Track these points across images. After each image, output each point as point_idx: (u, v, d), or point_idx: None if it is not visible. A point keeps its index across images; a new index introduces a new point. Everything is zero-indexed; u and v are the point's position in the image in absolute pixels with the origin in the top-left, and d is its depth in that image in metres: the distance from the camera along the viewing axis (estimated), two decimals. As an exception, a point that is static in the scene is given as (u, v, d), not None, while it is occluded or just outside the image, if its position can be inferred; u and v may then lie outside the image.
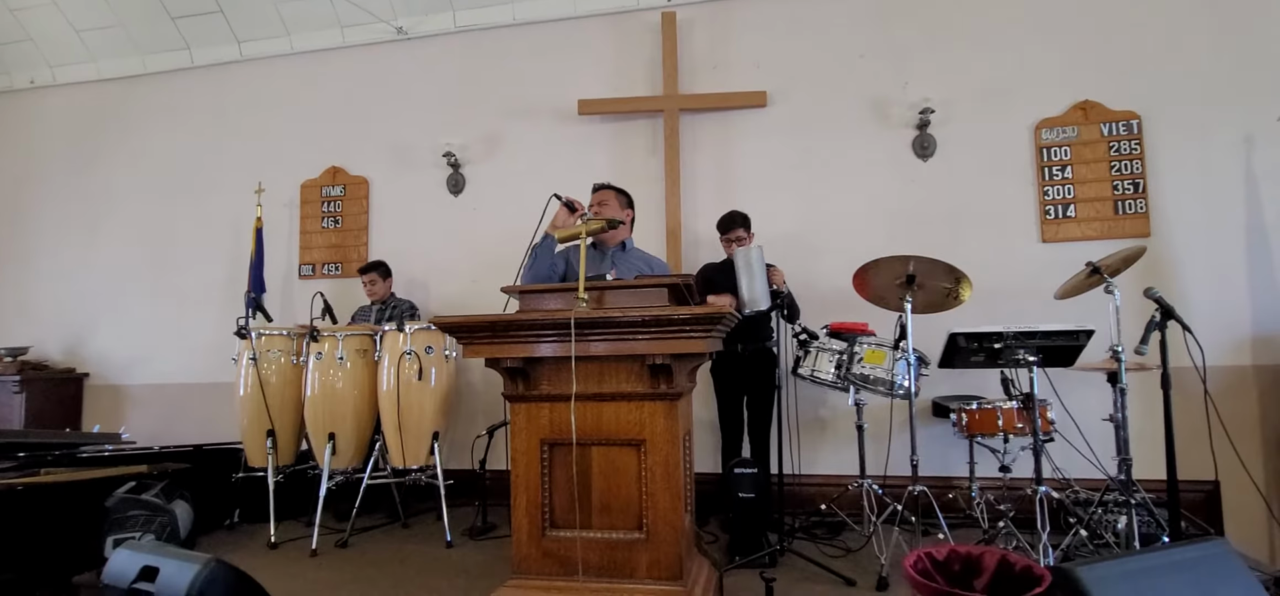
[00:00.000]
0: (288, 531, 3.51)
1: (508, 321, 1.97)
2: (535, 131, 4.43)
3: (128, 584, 2.21)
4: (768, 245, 3.75)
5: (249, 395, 3.57)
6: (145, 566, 2.22)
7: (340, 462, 3.52)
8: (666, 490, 1.97)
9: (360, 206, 4.62)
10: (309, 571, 3.00)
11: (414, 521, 3.75)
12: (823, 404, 3.92)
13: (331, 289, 4.54)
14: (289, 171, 4.71)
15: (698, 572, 2.11)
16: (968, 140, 3.97)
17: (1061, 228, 3.83)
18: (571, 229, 2.12)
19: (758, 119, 4.22)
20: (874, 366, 3.05)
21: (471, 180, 4.52)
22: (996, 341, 2.83)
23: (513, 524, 2.05)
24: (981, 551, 1.57)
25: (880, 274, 2.99)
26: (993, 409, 3.01)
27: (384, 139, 4.63)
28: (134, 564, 2.24)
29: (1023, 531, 2.85)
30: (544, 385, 2.05)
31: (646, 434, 1.99)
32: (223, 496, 3.77)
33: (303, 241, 4.69)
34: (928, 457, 3.70)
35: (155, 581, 2.18)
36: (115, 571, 2.26)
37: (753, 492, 3.00)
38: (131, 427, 4.51)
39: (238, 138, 4.81)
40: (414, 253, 4.50)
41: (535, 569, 2.01)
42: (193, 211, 4.80)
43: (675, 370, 1.96)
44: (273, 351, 3.62)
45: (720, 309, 1.85)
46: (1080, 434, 3.00)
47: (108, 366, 4.86)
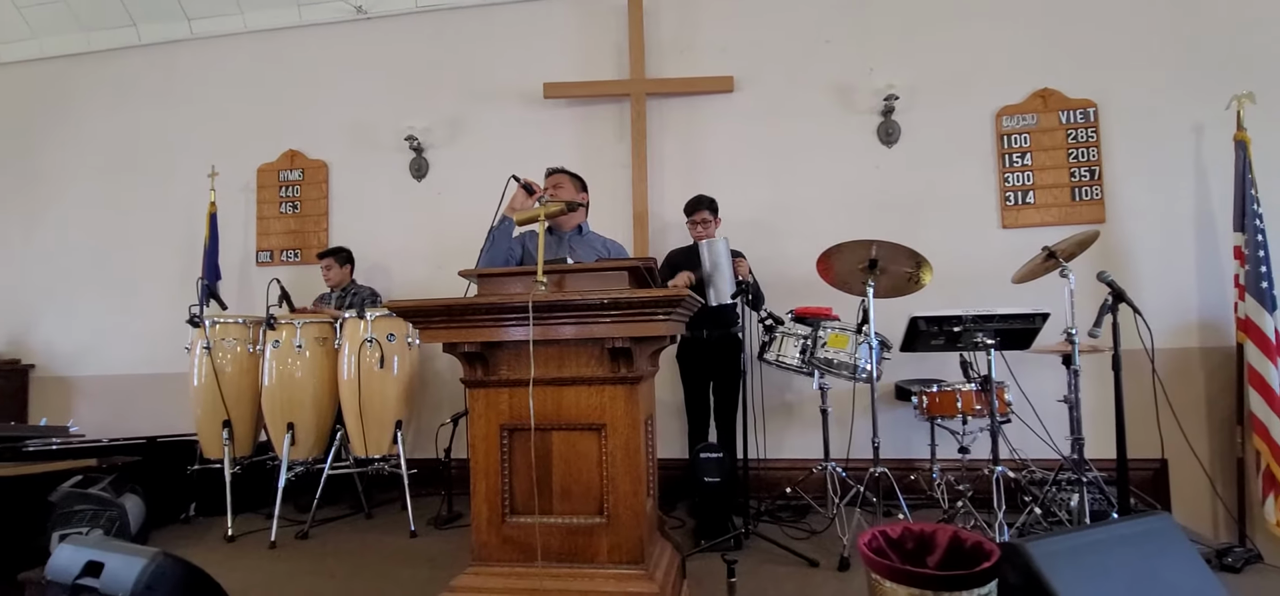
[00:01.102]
0: (247, 524, 3.42)
1: (464, 305, 1.93)
2: (500, 115, 4.36)
3: (72, 579, 2.14)
4: (734, 230, 3.78)
5: (203, 385, 3.47)
6: (90, 561, 2.14)
7: (300, 453, 3.44)
8: (627, 474, 1.96)
9: (319, 191, 4.50)
10: (267, 563, 2.93)
11: (378, 512, 3.69)
12: (789, 388, 3.95)
13: (291, 276, 4.43)
14: (245, 155, 4.56)
15: (660, 556, 2.11)
16: (931, 127, 4.02)
17: (1021, 213, 3.91)
18: (530, 212, 2.09)
19: (724, 104, 4.21)
20: (837, 350, 3.08)
21: (435, 164, 4.43)
22: (956, 325, 2.88)
23: (472, 510, 2.02)
24: (934, 529, 1.59)
25: (843, 258, 3.02)
26: (952, 391, 3.06)
27: (344, 122, 4.52)
28: (78, 559, 2.16)
29: (980, 510, 2.91)
30: (503, 370, 2.02)
31: (607, 418, 1.97)
32: (178, 489, 3.66)
33: (260, 227, 4.56)
34: (891, 440, 3.76)
35: (100, 577, 2.11)
36: (59, 567, 2.18)
37: (718, 477, 3.01)
38: (81, 420, 4.35)
39: (189, 120, 4.64)
40: (376, 238, 4.41)
41: (496, 556, 1.98)
42: (143, 196, 4.63)
43: (636, 354, 1.95)
44: (228, 340, 3.51)
45: (680, 292, 1.84)
46: (1036, 415, 3.08)
47: (54, 357, 4.68)
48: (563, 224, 2.71)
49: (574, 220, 2.74)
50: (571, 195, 2.69)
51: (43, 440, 3.69)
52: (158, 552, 2.14)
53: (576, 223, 2.76)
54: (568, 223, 2.72)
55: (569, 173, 2.74)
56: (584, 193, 2.78)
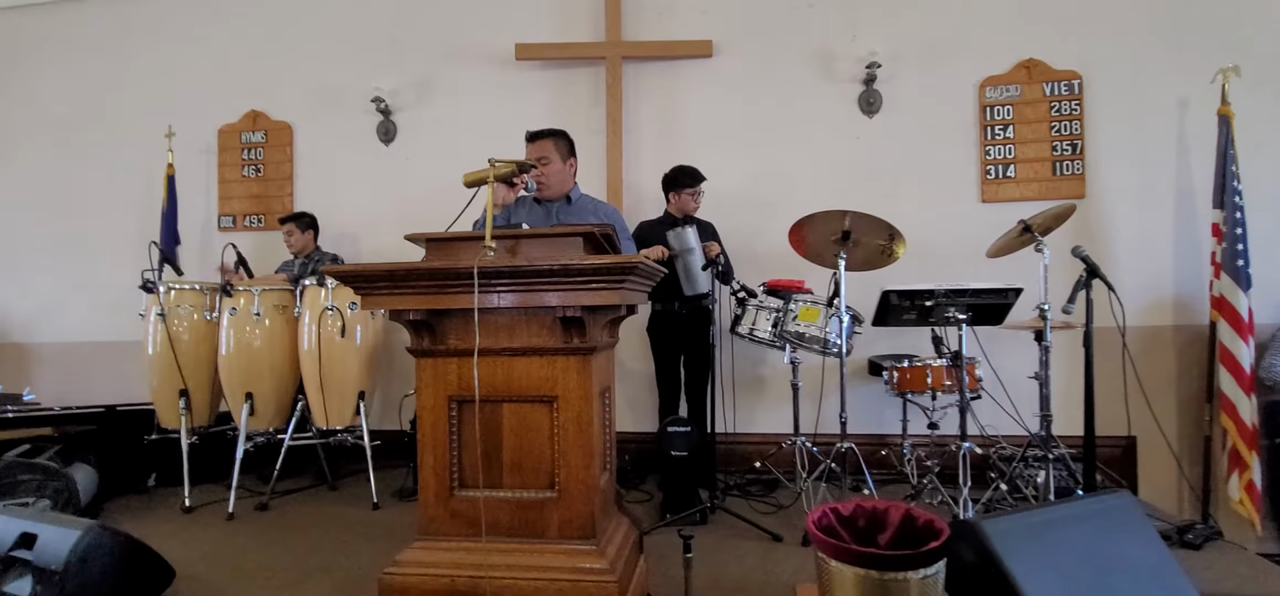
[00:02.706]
0: (207, 494, 3.35)
1: (408, 270, 1.84)
2: (471, 77, 4.22)
3: (4, 551, 2.06)
4: (711, 200, 3.68)
5: (159, 353, 3.36)
6: (23, 533, 2.07)
7: (259, 424, 3.36)
8: (579, 448, 1.89)
9: (283, 154, 4.36)
10: (223, 535, 2.86)
11: (343, 484, 3.63)
12: (763, 362, 3.90)
13: (254, 242, 4.31)
14: (205, 115, 4.40)
15: (614, 531, 2.06)
16: (913, 97, 3.93)
17: (1001, 188, 3.84)
18: (478, 172, 1.98)
19: (703, 69, 4.09)
20: (808, 324, 3.02)
21: (403, 128, 4.29)
22: (928, 299, 2.82)
23: (419, 484, 1.95)
24: (887, 506, 1.54)
25: (816, 229, 2.94)
26: (923, 367, 3.02)
27: (309, 82, 4.35)
28: (11, 530, 2.09)
29: (948, 486, 2.89)
30: (451, 339, 1.94)
31: (559, 390, 1.90)
32: (137, 459, 3.58)
33: (222, 191, 4.41)
34: (863, 415, 3.75)
35: (34, 548, 2.04)
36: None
37: (685, 451, 2.96)
38: (39, 388, 4.25)
39: (147, 77, 4.46)
40: (342, 204, 4.28)
41: (443, 529, 1.92)
42: (99, 157, 4.46)
43: (589, 323, 1.87)
44: (184, 307, 3.40)
45: (632, 259, 1.76)
46: (1005, 391, 3.04)
47: (8, 324, 4.54)
48: (549, 193, 2.57)
49: (563, 187, 2.61)
50: (559, 165, 2.56)
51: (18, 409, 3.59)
52: (93, 524, 2.07)
53: (565, 190, 2.63)
54: (555, 190, 2.59)
55: (552, 133, 2.56)
56: (572, 156, 2.64)
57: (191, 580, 2.32)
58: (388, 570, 1.87)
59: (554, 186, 2.58)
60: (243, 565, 2.50)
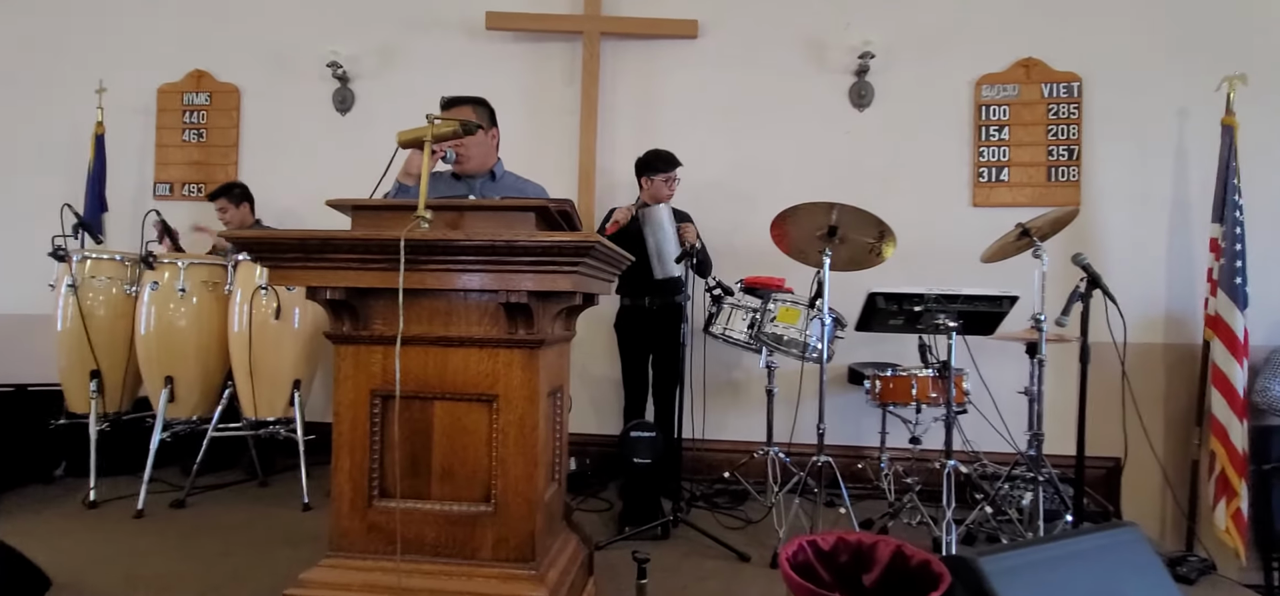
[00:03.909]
0: (120, 487, 3.01)
1: (323, 240, 1.56)
2: (437, 46, 3.92)
3: None
4: (689, 191, 3.45)
5: (69, 329, 3.02)
6: None
7: (181, 411, 3.03)
8: (520, 455, 1.63)
9: (229, 120, 4.01)
10: (126, 536, 2.55)
11: (276, 480, 3.32)
12: (736, 366, 3.67)
13: (192, 212, 3.96)
14: (144, 72, 4.04)
15: (559, 551, 1.80)
16: (906, 91, 3.72)
17: (993, 192, 3.66)
18: (415, 132, 1.71)
19: (687, 50, 3.85)
20: (787, 326, 2.79)
21: (361, 97, 3.98)
22: (917, 303, 2.61)
23: (333, 491, 1.68)
24: (874, 541, 1.31)
25: (800, 223, 2.71)
26: (907, 377, 2.81)
27: (259, 43, 4.02)
28: None
29: (928, 504, 2.69)
30: (377, 324, 1.66)
31: (500, 388, 1.64)
32: (46, 445, 3.23)
33: (159, 156, 4.06)
34: (841, 426, 3.54)
35: None
36: None
37: (649, 458, 2.73)
38: (-53, 361, 3.84)
39: (81, 27, 4.08)
40: (292, 177, 3.95)
41: (358, 545, 1.65)
42: (22, 111, 4.08)
43: (537, 312, 1.61)
44: (100, 279, 3.06)
45: (588, 239, 1.50)
46: (994, 406, 2.84)
47: (-83, 289, 4.13)
48: (469, 167, 2.28)
49: (486, 162, 2.33)
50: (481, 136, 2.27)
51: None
52: (-58, 525, 1.75)
53: (488, 165, 2.35)
54: (477, 165, 2.30)
55: (471, 100, 2.27)
56: (495, 126, 2.35)
57: (71, 590, 2.01)
58: (289, 591, 1.59)
59: (476, 160, 2.27)
60: (139, 572, 2.19)
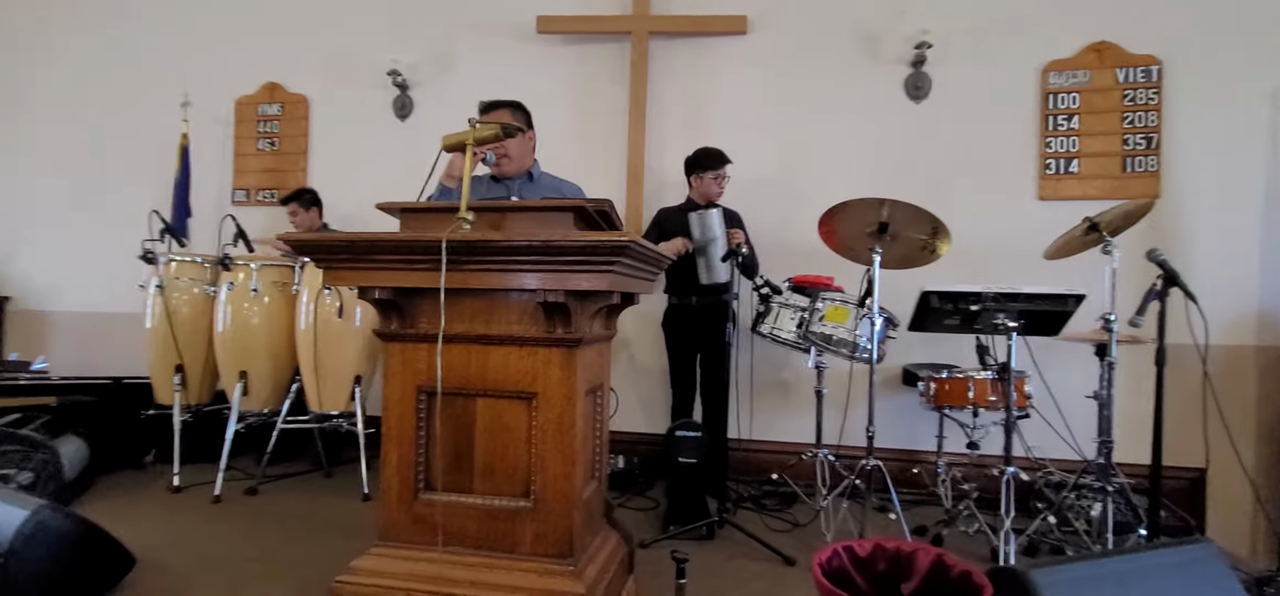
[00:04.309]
0: (200, 474, 3.22)
1: (371, 243, 1.64)
2: (490, 51, 4.02)
3: (-46, 528, 1.93)
4: (739, 189, 3.42)
5: (156, 327, 3.26)
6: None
7: (254, 404, 3.23)
8: (558, 452, 1.66)
9: (299, 128, 4.24)
10: (203, 520, 2.74)
11: (340, 471, 3.48)
12: (786, 365, 3.61)
13: (266, 218, 4.21)
14: (224, 86, 4.31)
15: (598, 549, 1.82)
16: (966, 81, 3.57)
17: (1061, 184, 3.46)
18: (457, 136, 1.77)
19: (736, 47, 3.81)
20: (836, 325, 2.73)
21: (420, 103, 4.13)
22: (974, 302, 2.49)
23: (382, 483, 1.75)
24: (914, 549, 1.26)
25: (849, 220, 2.64)
26: (964, 379, 2.69)
27: (326, 54, 4.22)
28: (-37, 506, 1.95)
29: (986, 512, 2.57)
30: (422, 323, 1.73)
31: (539, 385, 1.67)
32: (136, 434, 3.50)
33: (237, 164, 4.32)
34: (895, 429, 3.43)
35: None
36: (-56, 513, 1.98)
37: (694, 457, 2.72)
38: (55, 356, 4.22)
39: (168, 46, 4.40)
40: (356, 181, 4.13)
41: (404, 536, 1.72)
42: (118, 126, 4.42)
43: (574, 311, 1.63)
44: (183, 280, 3.30)
45: (622, 239, 1.51)
46: (1058, 411, 2.69)
47: (30, 291, 4.55)
48: (508, 170, 2.34)
49: (523, 164, 2.38)
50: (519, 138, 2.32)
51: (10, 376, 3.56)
52: (42, 505, 1.93)
53: (525, 167, 2.40)
54: (515, 167, 2.36)
55: (509, 103, 2.33)
56: (531, 129, 2.40)
57: (153, 568, 2.17)
58: (340, 578, 1.67)
59: (515, 162, 2.34)
60: (212, 554, 2.35)
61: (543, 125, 2.58)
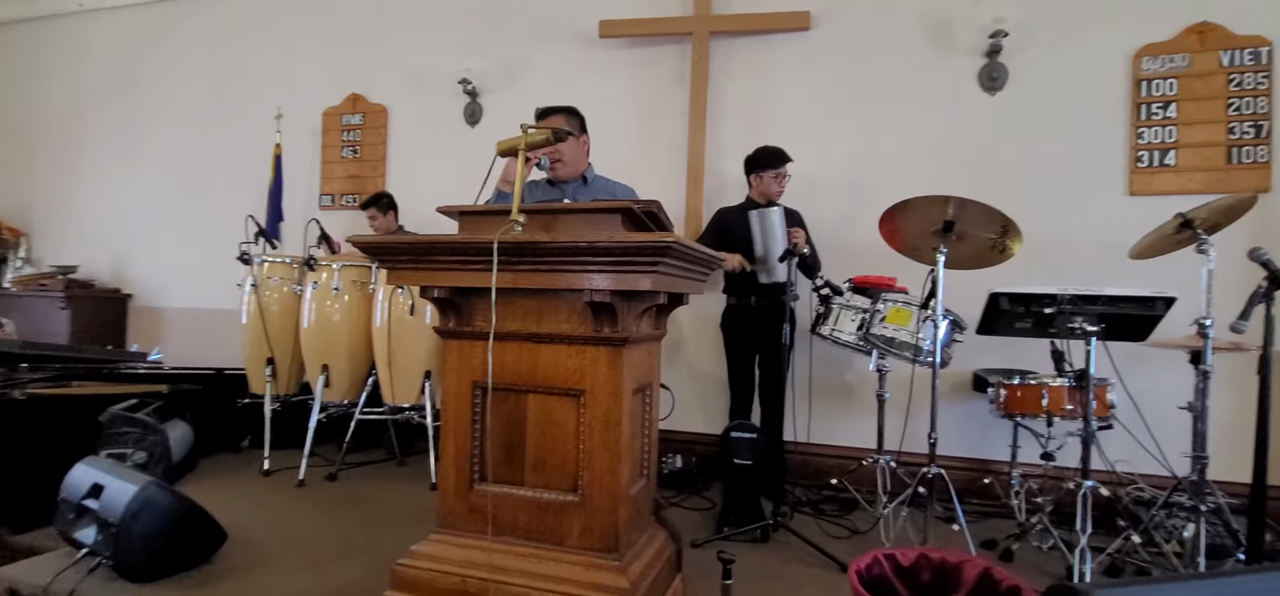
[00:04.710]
0: (287, 459, 3.47)
1: (428, 245, 1.73)
2: (555, 57, 4.13)
3: (79, 499, 2.19)
4: (801, 188, 3.37)
5: (251, 322, 3.55)
6: (94, 483, 2.18)
7: (334, 395, 3.46)
8: (605, 449, 1.70)
9: (379, 136, 4.50)
10: (288, 501, 2.96)
11: (412, 460, 3.67)
12: (848, 368, 3.52)
13: (350, 221, 4.49)
14: (312, 98, 4.63)
15: (645, 546, 1.85)
16: (1047, 70, 3.37)
17: (1155, 178, 3.21)
18: (511, 141, 1.83)
19: (799, 43, 3.75)
20: (898, 327, 2.64)
21: (489, 110, 4.29)
22: (1048, 305, 2.36)
23: (439, 473, 1.85)
24: (961, 560, 1.22)
25: (912, 218, 2.55)
26: (1037, 386, 2.54)
27: (403, 65, 4.46)
28: (86, 479, 2.21)
29: (1063, 528, 2.42)
30: (478, 321, 1.81)
31: (587, 383, 1.71)
32: (234, 421, 3.81)
33: (324, 171, 4.63)
34: (965, 436, 3.29)
35: (100, 499, 2.14)
36: (72, 484, 2.24)
37: (750, 459, 2.70)
38: (167, 349, 4.65)
39: (265, 63, 4.76)
40: (429, 185, 4.32)
41: (460, 524, 1.80)
42: (223, 137, 4.82)
43: (620, 311, 1.67)
44: (274, 279, 3.57)
45: (665, 239, 1.53)
46: (1143, 423, 2.50)
47: (148, 289, 5.04)
48: (563, 173, 2.41)
49: (578, 167, 2.44)
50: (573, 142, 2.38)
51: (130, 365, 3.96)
52: (149, 482, 2.14)
53: (579, 170, 2.46)
54: (570, 171, 2.42)
55: (563, 109, 2.40)
56: (585, 133, 2.45)
57: (242, 544, 2.37)
58: (402, 561, 1.77)
59: (569, 165, 2.40)
60: (295, 533, 2.54)
61: (605, 128, 2.64)
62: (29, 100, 5.43)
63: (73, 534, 2.15)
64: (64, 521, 2.20)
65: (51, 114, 5.36)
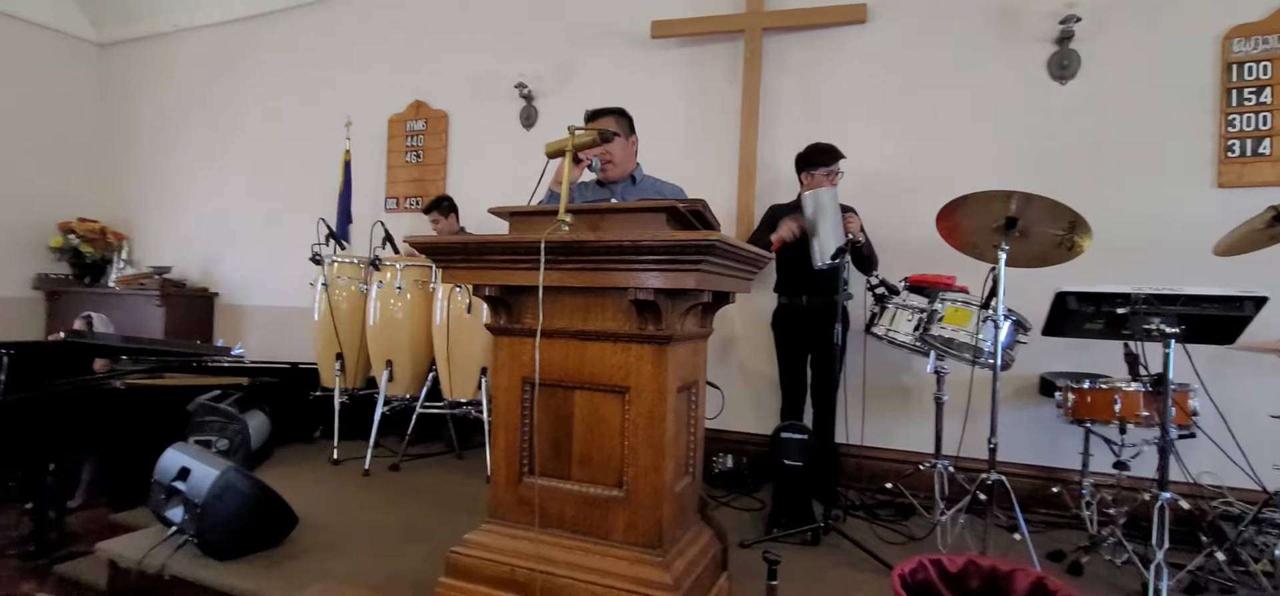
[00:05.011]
0: (354, 449, 3.65)
1: (480, 244, 1.79)
2: (607, 59, 4.18)
3: (169, 480, 2.37)
4: (856, 185, 3.30)
5: (322, 319, 3.75)
6: (182, 466, 2.36)
7: (398, 389, 3.61)
8: (649, 446, 1.72)
9: (440, 141, 4.66)
10: (354, 489, 3.11)
11: (470, 453, 3.80)
12: (906, 370, 3.41)
13: (413, 223, 4.68)
14: (379, 106, 4.84)
15: (689, 543, 1.86)
16: (1124, 55, 3.18)
17: (1247, 168, 2.98)
18: (558, 143, 1.88)
19: (854, 37, 3.66)
20: (957, 328, 2.55)
21: (544, 113, 4.38)
22: (1121, 305, 2.23)
23: (491, 465, 1.92)
24: (1012, 568, 1.18)
25: (971, 215, 2.45)
26: (1109, 390, 2.40)
27: (462, 71, 4.61)
28: (176, 463, 2.39)
29: (1136, 542, 2.28)
30: (527, 318, 1.86)
31: (631, 380, 1.74)
32: (307, 412, 4.04)
33: (389, 176, 4.84)
34: (1033, 443, 3.15)
35: (187, 481, 2.31)
36: (163, 467, 2.42)
37: (800, 460, 2.66)
38: (248, 344, 4.97)
39: (336, 73, 5.02)
40: (488, 188, 4.45)
41: (509, 515, 1.86)
42: (297, 145, 5.11)
43: (665, 309, 1.69)
44: (343, 279, 3.76)
45: (709, 237, 1.54)
46: (1230, 433, 2.32)
47: (232, 288, 5.39)
48: (612, 173, 2.45)
49: (626, 167, 2.47)
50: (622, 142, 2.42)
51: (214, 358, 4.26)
52: (229, 467, 2.30)
53: (628, 170, 2.49)
54: (618, 170, 2.45)
55: (612, 111, 2.44)
56: (634, 134, 2.48)
57: (313, 528, 2.51)
58: (455, 549, 1.85)
59: (619, 165, 2.44)
60: (360, 520, 2.67)
61: (658, 128, 2.65)
62: (130, 114, 5.91)
63: (163, 513, 2.33)
64: (156, 501, 2.40)
65: (148, 127, 5.82)
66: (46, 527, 2.89)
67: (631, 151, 2.49)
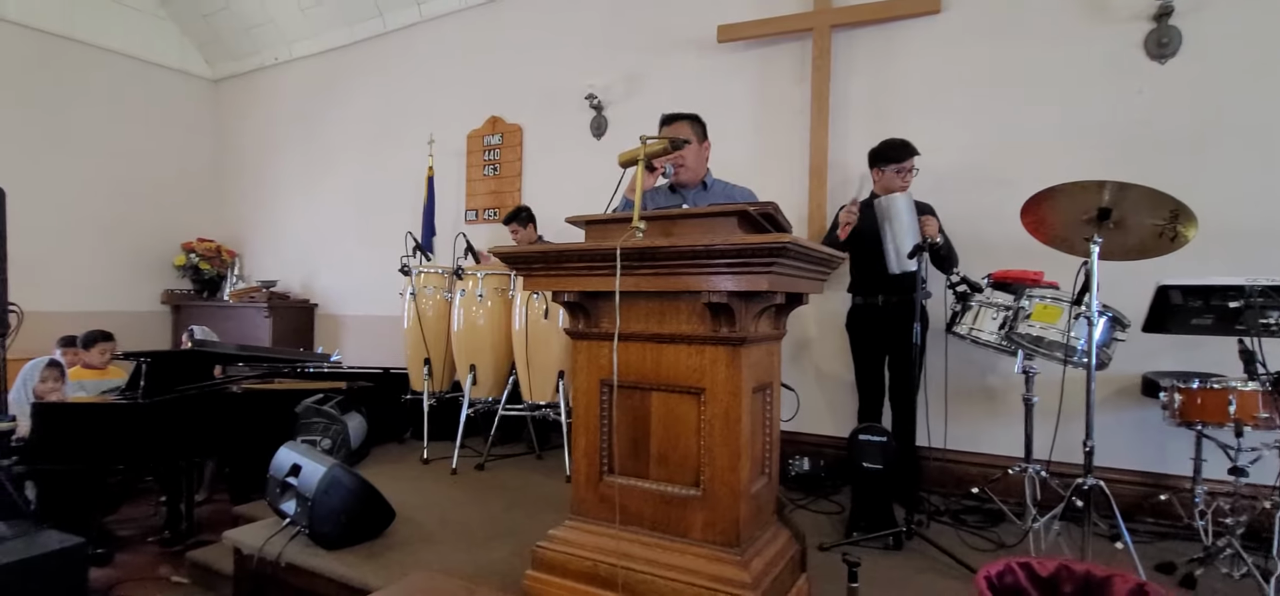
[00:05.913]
0: (442, 450, 3.86)
1: (559, 252, 1.88)
2: (675, 66, 4.24)
3: (283, 476, 2.60)
4: (932, 181, 3.22)
5: (410, 327, 3.98)
6: (294, 463, 2.58)
7: (481, 392, 3.79)
8: (725, 446, 1.75)
9: (515, 154, 4.85)
10: (443, 487, 3.29)
11: (549, 454, 3.93)
12: (992, 370, 3.28)
13: (492, 233, 4.88)
14: (458, 123, 5.09)
15: (767, 543, 1.87)
16: (1230, 31, 2.95)
17: (1385, 144, 2.69)
18: (631, 152, 1.94)
19: (928, 29, 3.56)
20: (1046, 326, 2.44)
21: (613, 122, 4.48)
22: (1233, 298, 2.08)
23: (572, 464, 2.00)
24: (1109, 574, 1.14)
25: (1060, 207, 2.34)
26: (1222, 390, 2.23)
27: (535, 86, 4.78)
28: (288, 460, 2.61)
29: (1255, 554, 2.11)
30: (604, 323, 1.93)
31: (706, 382, 1.78)
32: (399, 414, 4.29)
33: (468, 189, 5.07)
34: (1138, 447, 2.97)
35: (299, 477, 2.53)
36: (277, 463, 2.66)
37: (879, 463, 2.62)
38: (345, 351, 5.33)
39: (419, 94, 5.31)
40: (561, 197, 4.61)
41: (591, 513, 1.93)
42: (385, 163, 5.44)
43: (738, 311, 1.72)
44: (429, 288, 3.98)
45: (781, 240, 1.56)
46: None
47: (330, 299, 5.79)
48: (685, 179, 2.49)
49: (697, 173, 2.51)
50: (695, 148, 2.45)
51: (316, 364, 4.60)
52: (335, 464, 2.49)
53: (699, 176, 2.52)
54: (690, 176, 2.50)
55: (686, 116, 2.49)
56: (706, 139, 2.52)
57: (408, 522, 2.69)
58: (540, 543, 1.94)
59: (691, 171, 2.48)
60: (451, 516, 2.83)
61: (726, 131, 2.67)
62: (240, 142, 6.47)
63: (279, 505, 2.56)
64: (272, 494, 2.63)
65: (254, 152, 6.35)
66: (179, 518, 3.22)
67: (704, 157, 2.53)
